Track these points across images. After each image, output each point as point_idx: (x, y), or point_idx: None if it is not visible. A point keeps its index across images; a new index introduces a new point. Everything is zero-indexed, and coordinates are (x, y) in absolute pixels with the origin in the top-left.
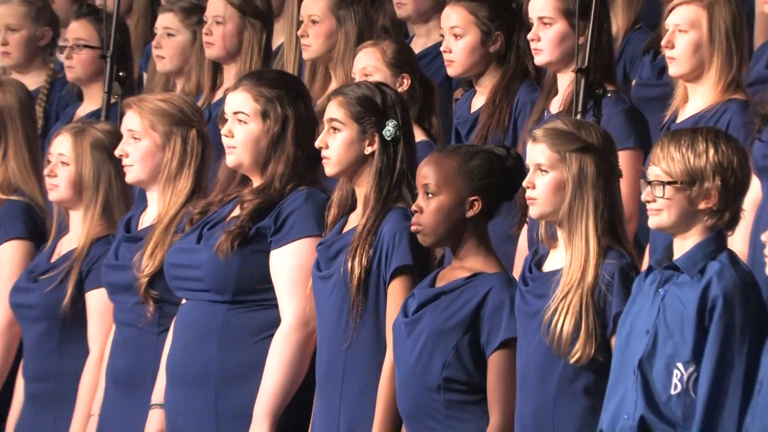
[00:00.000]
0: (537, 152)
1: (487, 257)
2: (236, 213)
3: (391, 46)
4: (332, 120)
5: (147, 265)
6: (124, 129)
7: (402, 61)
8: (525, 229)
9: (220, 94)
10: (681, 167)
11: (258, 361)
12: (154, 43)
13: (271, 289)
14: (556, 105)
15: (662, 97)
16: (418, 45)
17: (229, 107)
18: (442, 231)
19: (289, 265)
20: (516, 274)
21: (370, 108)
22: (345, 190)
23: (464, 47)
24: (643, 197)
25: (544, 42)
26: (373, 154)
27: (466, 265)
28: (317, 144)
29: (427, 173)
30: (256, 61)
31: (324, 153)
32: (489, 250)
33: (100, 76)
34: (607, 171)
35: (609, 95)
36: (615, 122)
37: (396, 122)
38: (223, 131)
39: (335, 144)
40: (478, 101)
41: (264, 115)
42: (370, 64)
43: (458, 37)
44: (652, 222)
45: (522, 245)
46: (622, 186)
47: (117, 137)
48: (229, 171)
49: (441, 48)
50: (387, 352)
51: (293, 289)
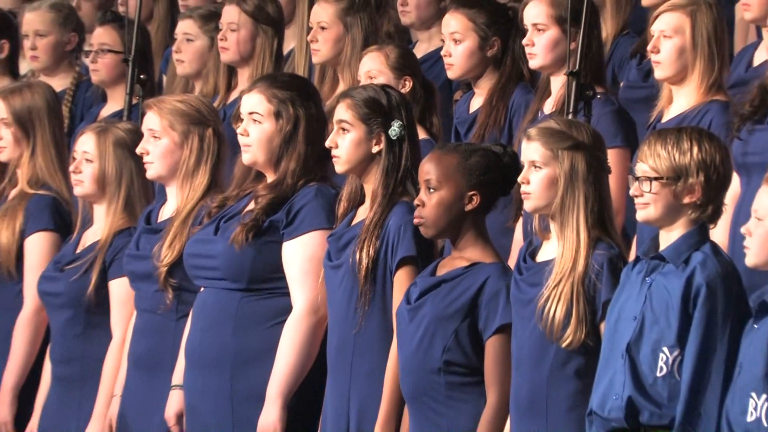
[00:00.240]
0: (531, 150)
1: (485, 248)
2: (251, 207)
3: (394, 50)
4: (341, 121)
5: (166, 255)
6: (144, 128)
7: (404, 64)
8: (520, 221)
9: (234, 96)
10: (667, 164)
11: (271, 345)
12: (174, 47)
13: (283, 278)
14: (549, 106)
15: (648, 98)
16: (421, 50)
17: (245, 108)
18: (442, 223)
19: (300, 255)
20: (512, 264)
21: (377, 109)
22: (353, 185)
23: (463, 52)
24: (631, 192)
25: (538, 47)
26: (380, 152)
27: (465, 255)
28: (327, 144)
29: (428, 169)
30: (268, 65)
31: (334, 152)
32: (486, 242)
33: (122, 78)
34: (596, 167)
35: (598, 97)
36: (604, 122)
37: (401, 122)
38: (239, 130)
39: (344, 144)
40: (476, 102)
41: (277, 115)
42: (374, 68)
43: (458, 42)
44: (640, 215)
45: (517, 237)
46: (610, 182)
47: (138, 136)
48: (244, 167)
49: (441, 52)
50: (394, 337)
51: (304, 279)
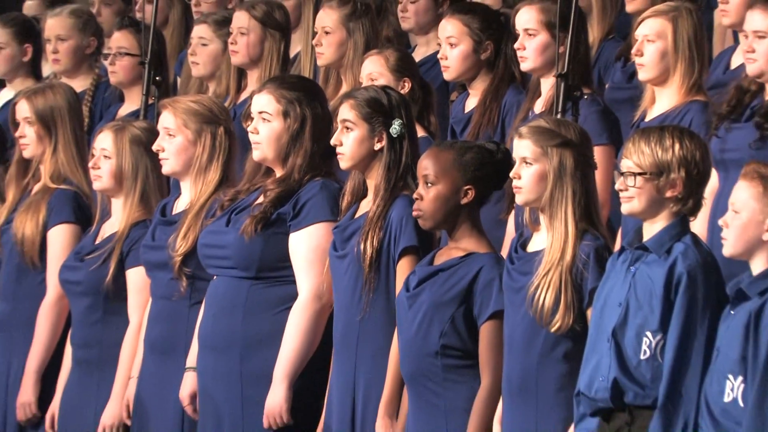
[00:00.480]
0: (522, 147)
1: (479, 239)
2: (260, 200)
3: (394, 54)
4: (345, 120)
5: (180, 245)
6: (160, 127)
7: (403, 67)
8: (512, 214)
9: (244, 96)
10: (650, 160)
11: (278, 330)
12: (189, 50)
13: (289, 267)
14: (539, 106)
15: (632, 98)
16: (419, 53)
17: (255, 107)
18: (440, 216)
19: (306, 246)
20: (504, 254)
21: (378, 109)
22: (357, 180)
23: (458, 55)
24: (617, 186)
25: (529, 51)
26: (382, 149)
27: (460, 246)
28: (333, 142)
29: (426, 165)
30: (276, 68)
31: (339, 150)
32: (481, 233)
33: (139, 80)
34: (583, 164)
35: (585, 97)
36: (591, 121)
37: (401, 121)
38: (250, 129)
39: (348, 142)
40: (471, 102)
41: (285, 114)
42: (375, 70)
43: (453, 46)
44: (624, 208)
45: (509, 229)
46: (597, 177)
47: (153, 134)
48: (254, 163)
49: (438, 55)
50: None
51: (309, 268)
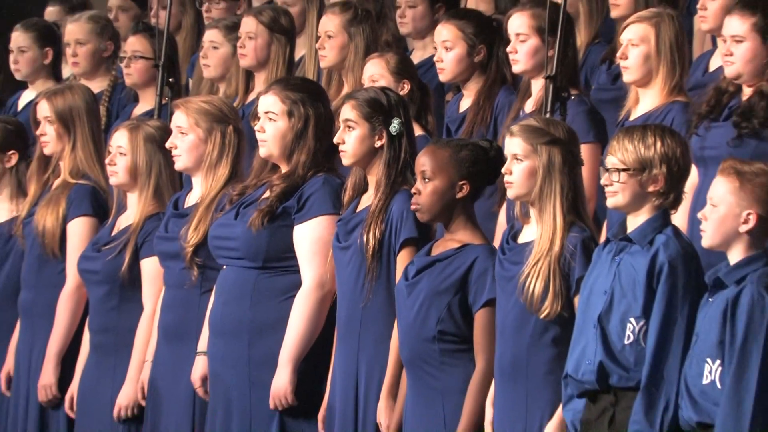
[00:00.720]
0: (514, 144)
1: (474, 231)
2: (267, 195)
3: (394, 57)
4: (347, 120)
5: (192, 237)
6: (173, 125)
7: (403, 69)
8: (504, 207)
9: (252, 97)
10: (633, 157)
11: (283, 316)
12: (201, 54)
13: (294, 258)
14: (529, 106)
15: (617, 99)
16: (417, 57)
17: (261, 107)
18: (436, 209)
19: (309, 237)
20: (497, 245)
21: (378, 109)
22: (358, 176)
23: (453, 58)
24: (602, 182)
25: (520, 54)
26: (382, 147)
27: (456, 237)
28: (335, 140)
29: (424, 162)
30: (282, 70)
31: (341, 147)
32: (475, 225)
33: (153, 82)
34: (571, 160)
35: (573, 98)
36: (578, 120)
37: (400, 120)
38: (257, 127)
39: (350, 140)
40: (465, 103)
41: (290, 114)
42: (376, 72)
43: (448, 49)
44: (610, 202)
45: (501, 221)
46: (583, 173)
47: (166, 132)
48: (261, 160)
49: (434, 58)
50: None
51: (312, 258)
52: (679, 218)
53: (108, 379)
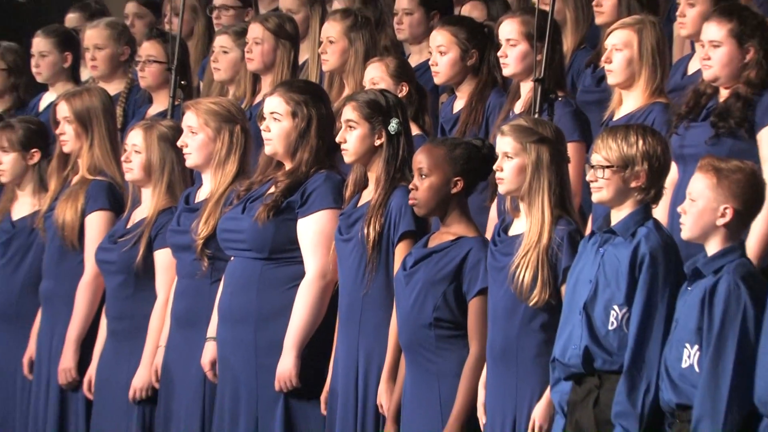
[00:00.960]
0: (504, 143)
1: (468, 224)
2: (272, 190)
3: (393, 61)
4: (348, 120)
5: (202, 230)
6: (184, 125)
7: (402, 72)
8: (495, 202)
9: (258, 99)
10: (617, 154)
11: (287, 304)
12: (212, 58)
13: (297, 249)
14: (518, 107)
15: (601, 101)
16: (413, 61)
17: (267, 108)
18: (433, 204)
19: (312, 230)
20: (489, 237)
21: (377, 110)
22: (359, 173)
23: (447, 62)
24: (588, 178)
25: (510, 58)
26: (381, 145)
27: (451, 230)
28: (337, 139)
29: (421, 159)
30: (286, 73)
31: (343, 146)
32: (469, 219)
33: (166, 84)
34: (558, 158)
35: (560, 99)
36: (564, 120)
37: (398, 120)
38: (262, 127)
39: (351, 139)
40: (459, 104)
41: (294, 114)
42: (376, 75)
43: (443, 54)
44: (595, 197)
45: (492, 215)
46: (570, 169)
47: (178, 131)
48: (267, 158)
49: (429, 62)
50: None
51: (315, 250)
52: (660, 212)
53: (124, 363)
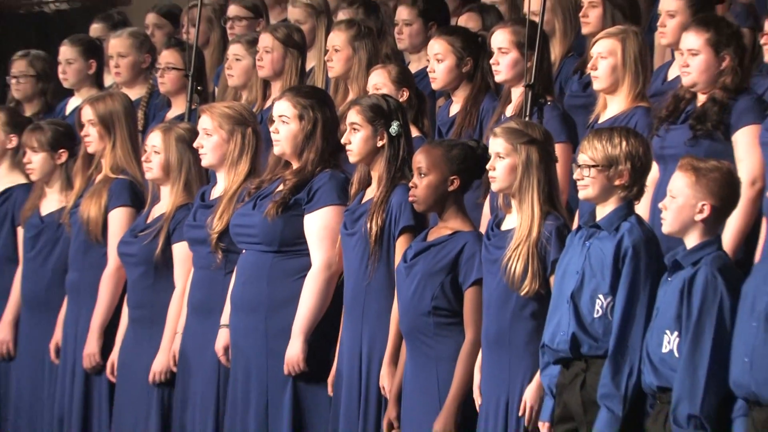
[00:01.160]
0: (497, 144)
1: (464, 220)
2: (280, 188)
3: (395, 68)
4: (353, 123)
5: (216, 225)
6: (200, 128)
7: (402, 79)
8: (488, 199)
9: (269, 103)
10: (602, 155)
11: (295, 294)
12: (226, 65)
13: (304, 243)
14: (510, 110)
15: (587, 105)
16: (412, 68)
17: (276, 112)
18: (431, 201)
19: (318, 225)
20: (483, 231)
21: (379, 113)
22: (363, 172)
23: (444, 69)
24: (575, 176)
25: (502, 65)
26: (383, 146)
27: (448, 225)
28: (343, 141)
29: (420, 159)
30: (294, 79)
31: (348, 147)
32: (465, 215)
33: (183, 90)
34: (547, 158)
35: (548, 103)
36: (552, 123)
37: (399, 122)
38: (272, 129)
39: (356, 140)
40: (455, 108)
41: (300, 117)
42: (379, 81)
43: (440, 61)
44: (581, 194)
45: (485, 211)
46: (557, 168)
47: (195, 133)
48: (276, 158)
49: (427, 69)
50: None
51: (320, 243)
52: (642, 208)
53: (144, 348)
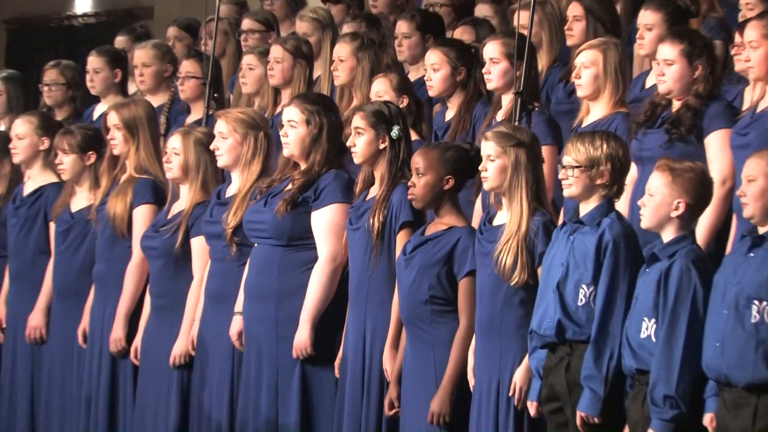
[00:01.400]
0: (488, 147)
1: (458, 216)
2: (289, 187)
3: (396, 77)
4: (357, 127)
5: (231, 220)
6: (216, 131)
7: (403, 87)
8: (480, 197)
9: (279, 109)
10: (584, 156)
11: (303, 284)
12: (240, 74)
13: (312, 237)
14: (500, 116)
15: (571, 111)
16: (411, 77)
17: (285, 117)
18: (428, 199)
19: (324, 221)
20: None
21: (381, 118)
22: (367, 172)
23: (440, 77)
24: (560, 176)
25: (493, 74)
26: (385, 148)
27: (444, 221)
28: (348, 144)
29: (418, 160)
30: (303, 87)
31: (353, 150)
32: (459, 211)
33: (201, 97)
34: (534, 159)
35: (536, 109)
36: (539, 127)
37: (399, 127)
38: (281, 133)
39: (360, 143)
40: (449, 113)
41: (308, 122)
42: (381, 89)
43: (436, 70)
44: (566, 193)
45: (477, 208)
46: (544, 169)
47: (211, 137)
48: (285, 159)
49: (425, 78)
50: None
51: (326, 237)
52: (622, 205)
53: (165, 334)
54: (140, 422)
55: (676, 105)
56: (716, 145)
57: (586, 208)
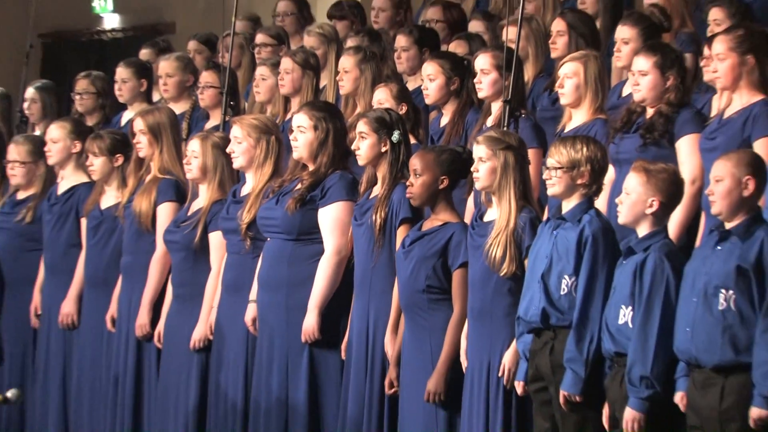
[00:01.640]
0: (479, 150)
1: (452, 213)
2: (299, 186)
3: (396, 86)
4: (361, 132)
5: (246, 217)
6: (231, 136)
7: (402, 95)
8: (471, 195)
9: (289, 116)
10: (567, 158)
11: (311, 275)
12: (254, 84)
13: (319, 233)
14: (490, 122)
15: (555, 117)
16: (410, 86)
17: (295, 123)
18: (425, 197)
19: (329, 217)
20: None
21: (383, 124)
22: (370, 173)
23: (435, 87)
24: (544, 176)
25: (484, 84)
26: (386, 151)
27: (439, 217)
28: (353, 147)
29: (416, 162)
30: (310, 95)
31: (357, 152)
32: (453, 209)
33: (219, 105)
34: (521, 161)
35: (523, 116)
36: (526, 132)
37: (399, 131)
38: (291, 137)
39: (363, 147)
40: (444, 120)
41: (315, 127)
42: (382, 98)
43: (432, 80)
44: (549, 192)
45: (469, 205)
46: (530, 170)
47: (227, 141)
48: (295, 161)
49: (422, 87)
50: None
51: (332, 232)
52: (600, 203)
53: (186, 320)
54: (163, 400)
55: (650, 112)
56: (686, 149)
57: (568, 205)
